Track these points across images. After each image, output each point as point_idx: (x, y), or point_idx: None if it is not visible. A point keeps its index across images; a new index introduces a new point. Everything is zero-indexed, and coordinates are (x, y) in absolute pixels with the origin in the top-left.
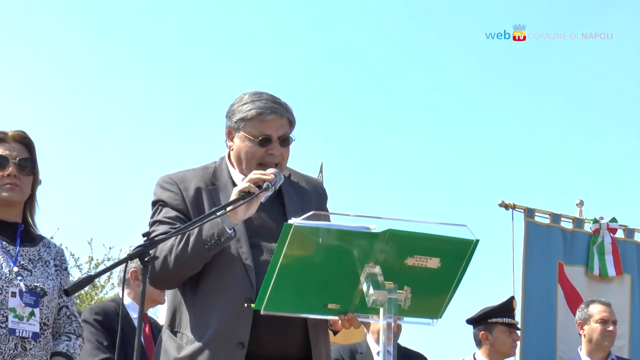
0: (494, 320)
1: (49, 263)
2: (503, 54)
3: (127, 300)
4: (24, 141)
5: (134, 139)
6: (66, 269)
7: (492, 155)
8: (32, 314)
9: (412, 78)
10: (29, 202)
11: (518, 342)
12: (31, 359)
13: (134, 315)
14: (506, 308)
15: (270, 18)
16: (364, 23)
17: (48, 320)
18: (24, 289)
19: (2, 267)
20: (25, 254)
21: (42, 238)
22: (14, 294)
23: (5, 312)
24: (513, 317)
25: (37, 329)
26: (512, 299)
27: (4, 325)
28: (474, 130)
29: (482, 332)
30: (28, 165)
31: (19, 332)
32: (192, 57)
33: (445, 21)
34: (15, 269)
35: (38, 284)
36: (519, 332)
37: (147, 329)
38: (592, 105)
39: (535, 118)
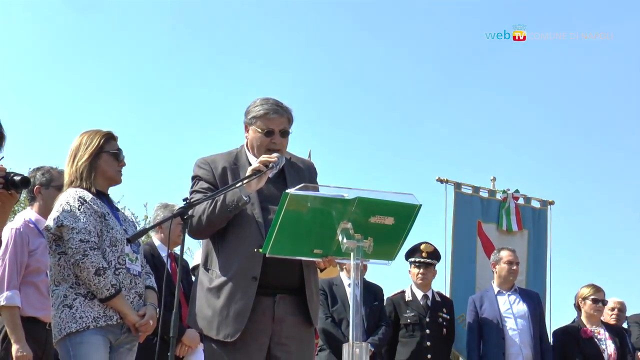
0: (410, 259)
1: (131, 224)
2: (503, 54)
3: (157, 242)
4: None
5: (184, 128)
6: (136, 228)
7: (436, 145)
8: (136, 258)
9: (412, 78)
10: None
11: (444, 278)
12: (138, 289)
13: (163, 253)
14: (414, 251)
15: (269, 20)
16: (363, 23)
17: (142, 263)
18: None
19: (116, 226)
20: (120, 217)
21: (118, 207)
22: (128, 244)
23: (124, 257)
24: (420, 257)
25: (140, 269)
26: (420, 244)
27: (124, 266)
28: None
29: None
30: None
31: (132, 270)
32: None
33: (445, 21)
34: (123, 227)
35: None
36: (434, 269)
37: (172, 265)
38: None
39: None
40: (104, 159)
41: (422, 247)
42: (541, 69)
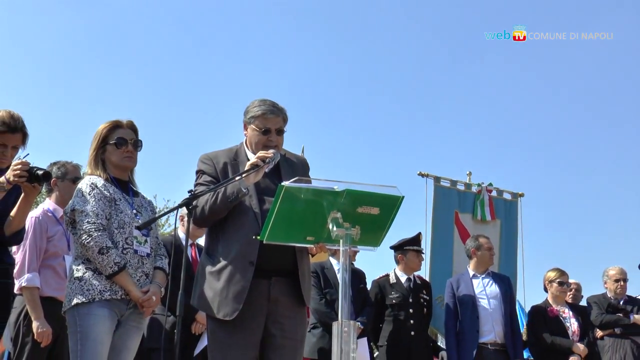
0: (407, 247)
1: (147, 209)
2: (503, 54)
3: (182, 235)
4: (133, 127)
5: (188, 127)
6: (155, 214)
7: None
8: (146, 241)
9: (412, 78)
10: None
11: (424, 262)
12: (146, 269)
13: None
14: (415, 240)
15: (268, 26)
16: (362, 23)
17: (153, 246)
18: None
19: (127, 210)
20: (135, 202)
21: (139, 193)
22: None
23: (132, 239)
24: (419, 246)
25: (149, 250)
26: (419, 234)
27: (131, 247)
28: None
29: (400, 255)
30: (137, 144)
31: (140, 252)
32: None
33: (445, 21)
34: (134, 211)
35: None
36: (423, 255)
37: (193, 253)
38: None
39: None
40: (108, 150)
41: (420, 237)
42: (541, 69)
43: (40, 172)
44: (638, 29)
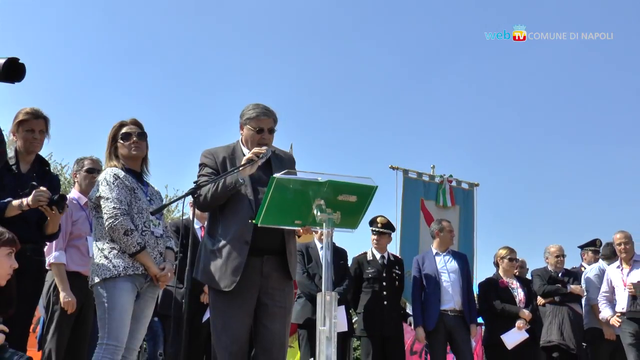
0: (371, 228)
1: (157, 197)
2: (503, 53)
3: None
4: (137, 123)
5: (193, 126)
6: (162, 201)
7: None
8: (159, 224)
9: (411, 78)
10: (144, 159)
11: (395, 242)
12: (160, 248)
13: (196, 226)
14: (373, 221)
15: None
16: (360, 23)
17: (164, 228)
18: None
19: (143, 198)
20: (148, 191)
21: (149, 183)
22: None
23: (149, 223)
24: (377, 227)
25: (161, 232)
26: (377, 216)
27: (149, 229)
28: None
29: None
30: (142, 135)
31: (155, 233)
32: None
33: (445, 21)
34: (148, 199)
35: None
36: (392, 235)
37: (202, 234)
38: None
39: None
40: (119, 146)
41: (378, 219)
42: (542, 69)
43: (55, 197)
44: (638, 29)
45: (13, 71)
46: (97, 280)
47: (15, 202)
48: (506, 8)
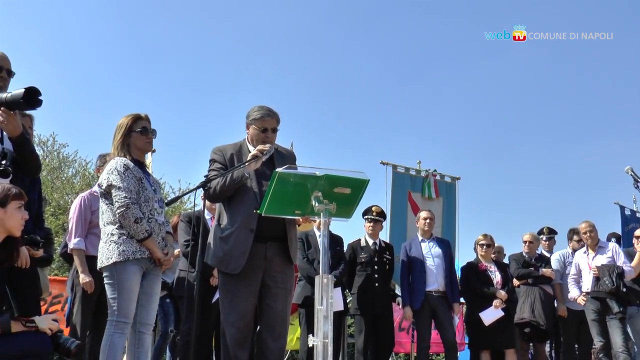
0: (364, 217)
1: (159, 186)
2: (503, 53)
3: (205, 210)
4: (149, 119)
5: (203, 125)
6: (161, 189)
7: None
8: (161, 212)
9: (412, 77)
10: None
11: (385, 229)
12: (162, 234)
13: (207, 217)
14: (368, 210)
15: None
16: (360, 23)
17: (165, 217)
18: (157, 199)
19: (148, 187)
20: (150, 180)
21: (150, 173)
22: (155, 201)
23: (154, 211)
24: (372, 215)
25: (164, 219)
26: (372, 206)
27: (154, 217)
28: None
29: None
30: (154, 132)
31: (159, 220)
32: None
33: (445, 21)
34: (152, 188)
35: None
36: (383, 223)
37: (212, 223)
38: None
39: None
40: (133, 137)
41: (373, 208)
42: (540, 68)
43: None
44: (638, 29)
45: (32, 98)
46: (107, 262)
47: None
48: (506, 8)
